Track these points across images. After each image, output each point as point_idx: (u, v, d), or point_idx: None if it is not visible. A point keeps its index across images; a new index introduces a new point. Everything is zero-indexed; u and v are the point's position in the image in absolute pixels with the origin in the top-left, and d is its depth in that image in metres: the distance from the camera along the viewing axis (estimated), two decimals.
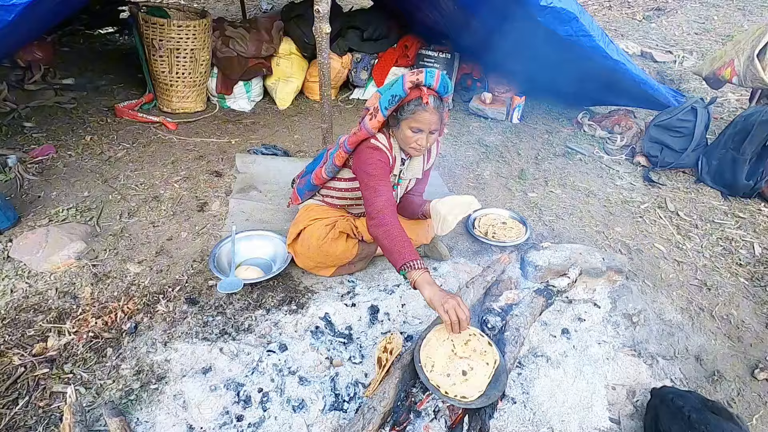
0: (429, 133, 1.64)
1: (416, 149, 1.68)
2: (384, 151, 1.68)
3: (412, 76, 1.56)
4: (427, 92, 1.55)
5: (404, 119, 1.62)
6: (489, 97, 3.70)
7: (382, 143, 1.70)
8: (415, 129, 1.62)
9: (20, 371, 1.58)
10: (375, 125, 1.66)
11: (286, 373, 1.61)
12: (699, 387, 1.68)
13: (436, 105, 1.59)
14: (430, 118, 1.59)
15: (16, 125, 3.03)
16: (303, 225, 1.97)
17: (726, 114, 3.81)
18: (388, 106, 1.61)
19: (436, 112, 1.59)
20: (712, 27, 5.64)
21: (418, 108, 1.58)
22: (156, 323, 1.79)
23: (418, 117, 1.59)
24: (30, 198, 2.41)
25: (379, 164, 1.67)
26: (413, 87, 1.57)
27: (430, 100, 1.56)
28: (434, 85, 1.56)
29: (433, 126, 1.62)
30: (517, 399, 1.55)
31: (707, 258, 2.33)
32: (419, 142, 1.65)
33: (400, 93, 1.58)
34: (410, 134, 1.64)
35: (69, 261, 2.03)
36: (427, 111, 1.58)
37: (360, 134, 1.70)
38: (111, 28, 4.84)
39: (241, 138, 3.20)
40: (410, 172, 1.87)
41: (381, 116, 1.64)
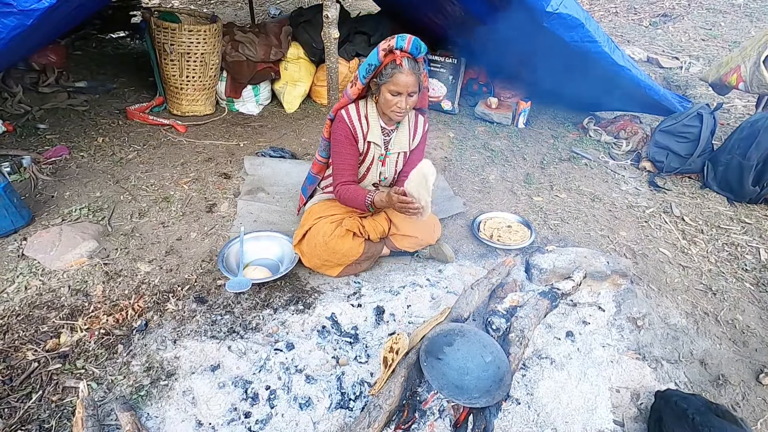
0: (408, 96, 1.72)
1: (397, 112, 1.76)
2: (345, 123, 1.83)
3: (384, 44, 1.67)
4: (401, 54, 1.64)
5: (383, 83, 1.72)
6: (495, 101, 3.72)
7: (349, 114, 1.83)
8: (394, 92, 1.71)
9: (34, 366, 1.62)
10: (354, 92, 1.80)
11: (293, 371, 1.63)
12: (703, 391, 1.68)
13: (411, 66, 1.67)
14: (406, 79, 1.67)
15: (31, 127, 3.10)
16: (309, 225, 2.01)
17: (732, 120, 3.80)
18: (366, 75, 1.73)
19: (411, 73, 1.67)
20: (718, 33, 5.63)
21: (394, 71, 1.67)
22: (166, 321, 1.83)
23: (395, 80, 1.67)
24: (44, 198, 2.47)
25: (340, 138, 1.85)
26: (387, 53, 1.66)
27: (404, 61, 1.65)
28: (406, 47, 1.65)
29: (410, 87, 1.69)
30: (521, 400, 1.57)
31: (713, 263, 2.33)
32: (399, 105, 1.73)
33: (375, 61, 1.69)
34: (390, 98, 1.73)
35: (81, 259, 2.07)
36: (402, 72, 1.66)
37: (342, 101, 1.85)
38: (123, 32, 4.93)
39: (250, 141, 3.25)
40: (397, 145, 1.94)
41: (360, 84, 1.77)
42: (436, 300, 1.99)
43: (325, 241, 1.92)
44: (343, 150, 1.87)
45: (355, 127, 1.84)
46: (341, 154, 1.87)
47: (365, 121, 1.86)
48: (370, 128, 1.86)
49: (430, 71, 3.81)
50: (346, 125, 1.84)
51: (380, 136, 1.89)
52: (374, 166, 1.96)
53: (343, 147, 1.86)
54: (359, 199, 1.85)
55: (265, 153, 3.03)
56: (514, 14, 2.68)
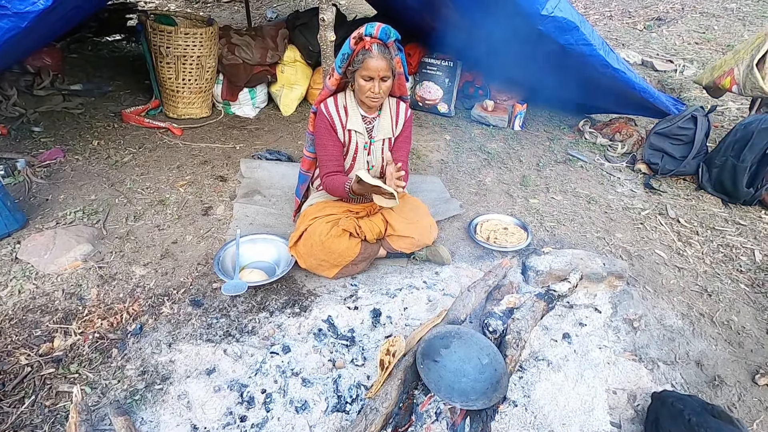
0: (380, 80, 1.75)
1: (371, 98, 1.80)
2: (324, 114, 1.89)
3: (355, 32, 1.72)
4: (370, 41, 1.70)
5: (356, 70, 1.76)
6: (491, 104, 3.73)
7: (327, 105, 1.88)
8: (366, 77, 1.75)
9: (27, 371, 1.60)
10: (333, 83, 1.86)
11: (289, 374, 1.62)
12: (700, 392, 1.69)
13: (381, 51, 1.71)
14: (376, 63, 1.71)
15: (25, 129, 3.08)
16: (305, 226, 2.01)
17: (726, 122, 3.83)
18: (341, 64, 1.79)
19: (382, 58, 1.71)
20: (712, 36, 5.69)
21: (365, 56, 1.71)
22: (161, 325, 1.81)
23: (366, 64, 1.72)
24: (38, 201, 2.45)
25: (320, 130, 1.91)
26: (357, 40, 1.71)
27: (373, 47, 1.70)
28: (375, 33, 1.70)
29: (381, 72, 1.73)
30: (518, 402, 1.56)
31: (708, 264, 2.34)
32: (373, 90, 1.77)
33: (347, 50, 1.75)
34: (363, 83, 1.77)
35: (76, 263, 2.06)
36: (372, 57, 1.70)
37: (322, 93, 1.91)
38: (119, 35, 4.93)
39: (246, 143, 3.24)
40: (381, 132, 1.96)
41: (336, 74, 1.83)
42: (433, 302, 1.98)
43: (321, 240, 1.92)
44: (325, 142, 1.91)
45: (333, 117, 1.89)
46: (324, 146, 1.92)
47: (344, 111, 1.90)
48: (349, 117, 1.90)
49: (427, 74, 3.83)
50: (325, 117, 1.89)
51: (361, 123, 1.92)
52: (360, 155, 1.99)
53: (324, 139, 1.91)
54: (340, 188, 1.89)
55: (262, 156, 3.03)
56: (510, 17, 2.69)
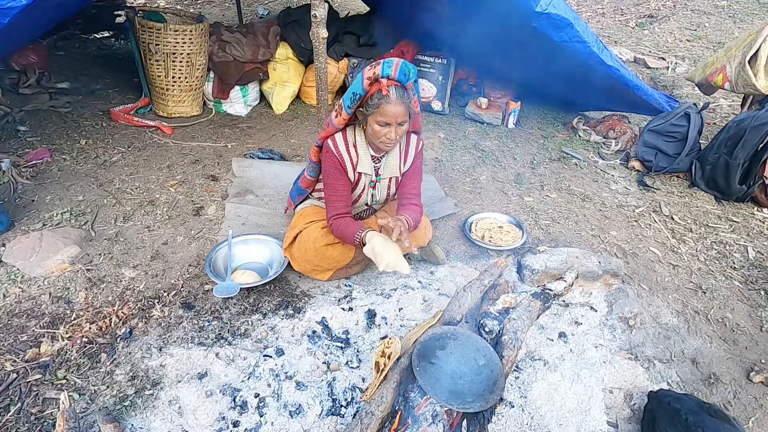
0: (397, 125, 1.60)
1: (386, 143, 1.65)
2: (334, 154, 1.73)
3: (369, 71, 1.53)
4: (387, 83, 1.51)
5: (370, 114, 1.59)
6: (485, 102, 3.72)
7: (336, 144, 1.73)
8: (382, 123, 1.59)
9: (12, 377, 1.56)
10: (340, 122, 1.70)
11: (282, 378, 1.59)
12: (695, 390, 1.69)
13: (399, 94, 1.54)
14: (394, 110, 1.54)
15: (11, 129, 3.01)
16: (299, 229, 1.97)
17: (718, 119, 3.85)
18: (350, 105, 1.62)
19: (400, 103, 1.54)
20: (703, 34, 5.72)
21: (381, 101, 1.54)
22: (151, 328, 1.78)
23: (383, 110, 1.55)
24: (24, 202, 2.39)
25: (330, 170, 1.75)
26: (372, 81, 1.53)
27: (391, 91, 1.52)
28: (393, 74, 1.51)
29: (399, 117, 1.57)
30: (515, 403, 1.55)
31: (702, 262, 2.34)
32: (388, 136, 1.61)
33: (359, 90, 1.57)
34: (378, 128, 1.60)
35: (63, 265, 2.01)
36: (390, 103, 1.53)
37: (328, 129, 1.76)
38: (107, 32, 4.83)
39: (238, 142, 3.20)
40: (388, 170, 1.85)
41: (345, 114, 1.67)
42: (428, 302, 1.96)
43: (315, 247, 1.89)
44: (335, 182, 1.77)
45: (344, 158, 1.74)
46: (333, 186, 1.77)
47: (354, 150, 1.75)
48: (359, 158, 1.76)
49: (421, 72, 3.80)
50: (334, 156, 1.73)
51: (370, 164, 1.80)
52: (365, 192, 1.90)
53: (333, 179, 1.76)
54: (350, 236, 1.75)
55: (254, 155, 2.98)
56: (504, 14, 2.68)
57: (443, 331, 1.56)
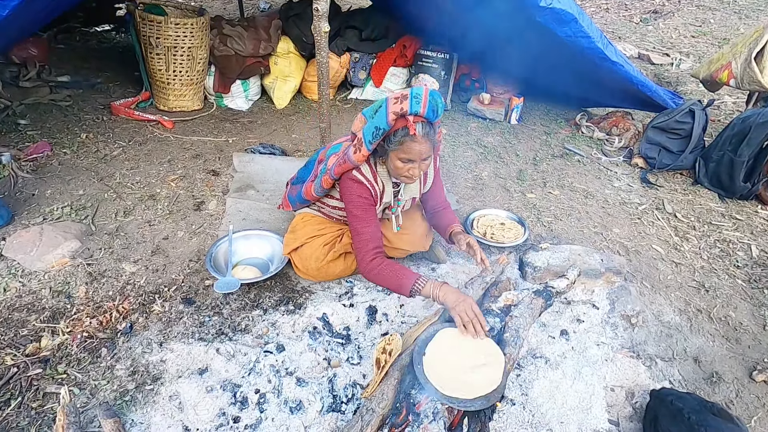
0: (421, 161, 1.50)
1: (408, 178, 1.55)
2: (365, 185, 1.61)
3: (395, 106, 1.42)
4: (414, 120, 1.41)
5: (392, 150, 1.49)
6: (487, 97, 3.69)
7: (364, 175, 1.61)
8: (405, 160, 1.49)
9: (13, 371, 1.55)
10: (359, 158, 1.56)
11: (283, 374, 1.59)
12: (697, 389, 1.68)
13: (426, 132, 1.44)
14: (419, 148, 1.45)
15: (11, 122, 3.00)
16: (300, 241, 1.92)
17: (723, 116, 3.82)
18: (372, 140, 1.50)
19: (426, 141, 1.45)
20: (708, 30, 5.67)
21: (405, 138, 1.44)
22: (152, 323, 1.77)
23: (407, 148, 1.45)
24: (24, 196, 2.38)
25: (359, 201, 1.62)
26: (398, 117, 1.42)
27: (417, 128, 1.41)
28: (422, 111, 1.41)
29: (424, 154, 1.48)
30: (516, 401, 1.55)
31: (705, 260, 2.33)
32: (411, 172, 1.52)
33: (384, 126, 1.45)
34: (401, 165, 1.51)
35: (63, 260, 2.00)
36: (416, 141, 1.43)
37: (344, 166, 1.61)
38: (107, 25, 4.80)
39: (239, 137, 3.18)
40: (408, 193, 1.79)
41: (365, 150, 1.52)
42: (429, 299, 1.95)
43: (317, 266, 1.88)
44: (365, 214, 1.63)
45: (375, 188, 1.65)
46: (363, 219, 1.63)
47: (380, 181, 1.66)
48: (384, 190, 1.69)
49: (422, 67, 3.77)
50: (366, 188, 1.61)
51: (391, 193, 1.73)
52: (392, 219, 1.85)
53: (365, 211, 1.63)
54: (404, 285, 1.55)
55: (255, 150, 2.97)
56: (507, 8, 2.65)
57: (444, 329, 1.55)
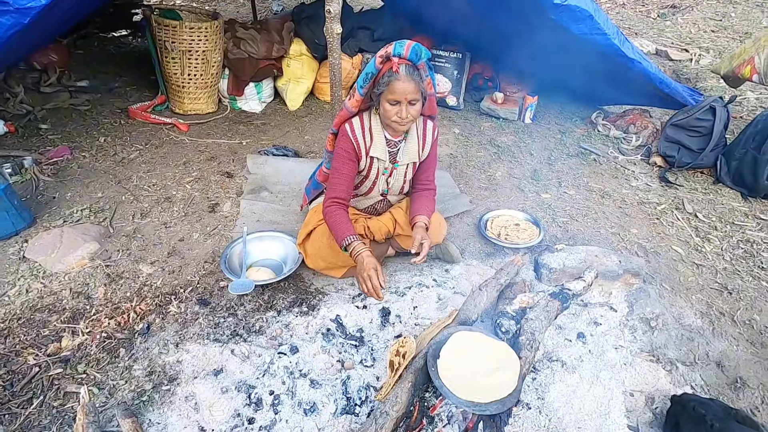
0: (408, 104, 1.60)
1: (398, 122, 1.65)
2: (349, 138, 1.74)
3: (381, 51, 1.56)
4: (398, 61, 1.54)
5: (381, 93, 1.61)
6: (501, 96, 3.65)
7: (353, 128, 1.74)
8: (392, 101, 1.60)
9: (35, 371, 1.59)
10: (353, 104, 1.70)
11: (297, 375, 1.59)
12: (721, 394, 1.63)
13: (409, 72, 1.55)
14: (404, 86, 1.55)
15: (33, 127, 3.08)
16: (313, 225, 1.96)
17: (746, 113, 3.71)
18: (363, 84, 1.63)
19: (410, 80, 1.55)
20: (729, 24, 5.51)
21: (391, 79, 1.55)
22: (168, 324, 1.80)
23: (393, 87, 1.56)
24: (45, 199, 2.44)
25: (341, 153, 1.76)
26: (384, 60, 1.56)
27: (401, 68, 1.54)
28: (404, 53, 1.53)
29: (409, 95, 1.58)
30: (532, 405, 1.52)
31: (727, 261, 2.26)
32: (399, 115, 1.62)
33: (372, 70, 1.59)
34: (389, 107, 1.62)
35: (83, 261, 2.04)
36: (399, 80, 1.55)
37: (341, 114, 1.76)
38: (124, 30, 4.90)
39: (252, 139, 3.21)
40: (406, 156, 1.84)
41: (358, 95, 1.67)
42: (443, 301, 1.94)
43: (329, 243, 1.88)
44: (343, 167, 1.77)
45: (359, 142, 1.75)
46: (339, 170, 1.77)
47: (369, 134, 1.75)
48: (373, 142, 1.76)
49: (435, 66, 3.75)
50: (350, 141, 1.74)
51: (384, 149, 1.78)
52: (380, 180, 1.88)
53: (342, 163, 1.77)
54: (339, 235, 1.72)
55: (268, 151, 2.99)
56: (521, 6, 2.62)
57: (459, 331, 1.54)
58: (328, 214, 1.77)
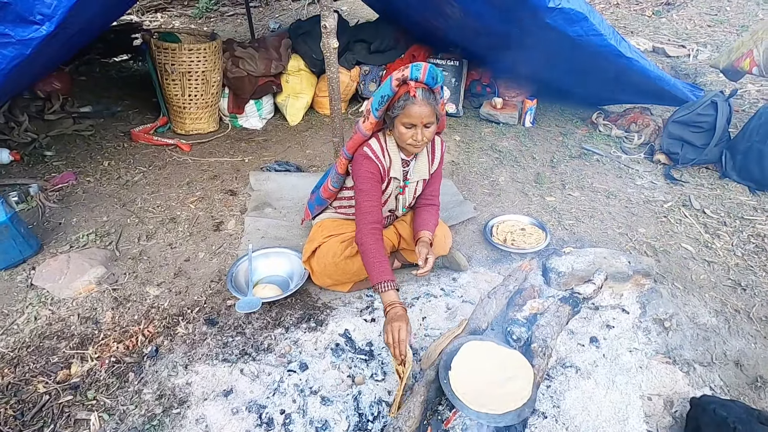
0: (423, 127, 1.61)
1: (413, 145, 1.66)
2: (373, 161, 1.71)
3: (398, 73, 1.57)
4: (415, 85, 1.55)
5: (396, 116, 1.61)
6: (500, 101, 3.66)
7: (374, 150, 1.71)
8: (408, 125, 1.61)
9: (45, 399, 1.58)
10: (368, 127, 1.69)
11: (307, 393, 1.58)
12: (741, 395, 1.59)
13: (426, 96, 1.57)
14: (420, 110, 1.57)
15: (38, 154, 3.11)
16: (318, 242, 1.96)
17: (747, 106, 3.69)
18: (378, 107, 1.63)
19: (426, 104, 1.57)
20: (725, 18, 5.51)
21: (407, 103, 1.56)
22: (176, 346, 1.79)
23: (409, 111, 1.57)
24: (51, 225, 2.46)
25: (366, 176, 1.71)
26: (401, 83, 1.56)
27: (417, 92, 1.55)
28: (421, 77, 1.54)
29: (425, 119, 1.59)
30: (547, 413, 1.49)
31: (739, 257, 2.23)
32: (415, 138, 1.62)
33: (388, 92, 1.59)
34: (404, 131, 1.62)
35: (90, 286, 2.05)
36: (416, 104, 1.56)
37: (355, 138, 1.74)
38: (125, 55, 4.98)
39: (254, 156, 3.23)
40: (417, 174, 1.84)
41: (373, 118, 1.66)
42: (452, 310, 1.92)
43: (335, 262, 1.87)
44: (372, 189, 1.72)
45: (383, 163, 1.73)
46: (369, 193, 1.72)
47: (387, 155, 1.75)
48: (392, 163, 1.75)
49: None
50: (374, 163, 1.70)
51: (400, 169, 1.78)
52: (392, 197, 1.88)
53: (371, 186, 1.72)
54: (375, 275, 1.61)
55: (271, 167, 3.00)
56: (515, 12, 2.63)
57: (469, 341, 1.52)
58: (367, 243, 1.67)
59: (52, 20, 1.85)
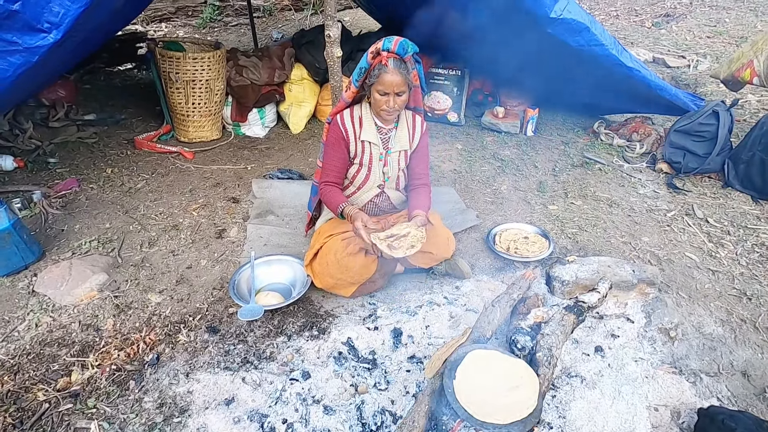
0: (395, 95, 1.76)
1: (387, 111, 1.81)
2: (338, 126, 1.90)
3: (372, 46, 1.73)
4: (387, 55, 1.71)
5: (372, 84, 1.77)
6: (501, 111, 3.67)
7: (342, 117, 1.89)
8: (382, 92, 1.76)
9: (45, 407, 1.57)
10: (349, 95, 1.88)
11: (310, 402, 1.56)
12: (749, 405, 1.57)
13: (397, 65, 1.72)
14: (392, 78, 1.72)
15: (41, 161, 3.12)
16: (320, 244, 1.97)
17: (748, 116, 3.70)
18: (357, 78, 1.81)
19: (397, 73, 1.71)
20: (724, 29, 5.56)
21: (380, 71, 1.72)
22: (178, 353, 1.77)
23: (382, 79, 1.72)
24: (54, 232, 2.46)
25: (332, 138, 1.92)
26: (375, 55, 1.73)
27: (389, 62, 1.71)
28: (392, 47, 1.70)
29: (396, 87, 1.74)
30: (553, 424, 1.47)
31: (744, 266, 2.22)
32: (388, 105, 1.78)
33: (364, 64, 1.76)
34: (379, 97, 1.78)
35: (92, 293, 2.04)
36: (388, 72, 1.71)
37: (338, 105, 1.93)
38: (130, 64, 5.02)
39: (257, 163, 3.23)
40: (398, 143, 1.96)
41: (353, 87, 1.84)
42: (456, 318, 1.91)
43: (337, 258, 1.88)
44: (333, 152, 1.92)
45: (347, 129, 1.89)
46: (330, 155, 1.94)
47: (358, 122, 1.90)
48: (363, 128, 1.90)
49: (435, 84, 3.79)
50: (339, 128, 1.89)
51: (376, 134, 1.91)
52: (375, 167, 1.96)
53: (333, 149, 1.92)
54: (333, 204, 1.90)
55: (273, 175, 3.01)
56: (517, 22, 2.65)
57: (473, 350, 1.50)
58: (323, 193, 1.95)
59: (59, 28, 1.87)
